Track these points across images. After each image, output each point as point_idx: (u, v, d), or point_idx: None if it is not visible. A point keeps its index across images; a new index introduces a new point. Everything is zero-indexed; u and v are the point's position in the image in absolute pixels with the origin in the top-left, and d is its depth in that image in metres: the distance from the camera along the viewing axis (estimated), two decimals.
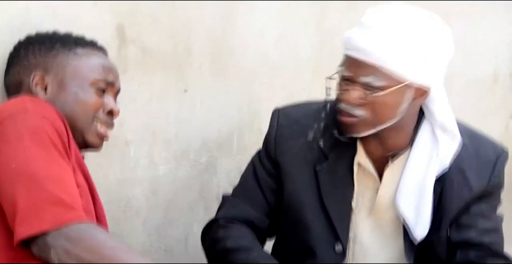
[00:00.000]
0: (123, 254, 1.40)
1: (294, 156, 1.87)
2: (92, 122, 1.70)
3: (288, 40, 2.55)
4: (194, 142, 2.36)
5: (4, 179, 1.44)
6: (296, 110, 1.95)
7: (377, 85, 1.70)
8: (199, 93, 2.34)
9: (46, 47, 1.73)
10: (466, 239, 1.82)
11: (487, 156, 1.87)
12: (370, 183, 1.86)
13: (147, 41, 2.18)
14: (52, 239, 1.37)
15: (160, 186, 2.29)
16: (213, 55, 2.36)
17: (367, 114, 1.73)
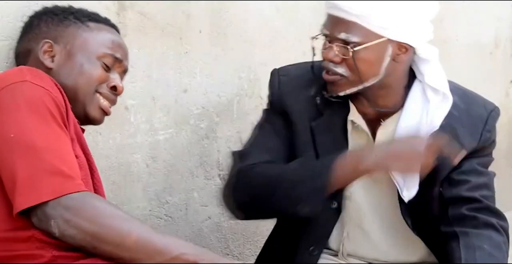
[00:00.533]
0: (122, 222, 1.40)
1: (298, 109, 1.87)
2: (93, 95, 1.70)
3: (289, 5, 2.53)
4: (194, 107, 2.35)
5: (3, 149, 1.44)
6: (295, 68, 1.95)
7: (354, 40, 1.71)
8: (199, 58, 2.32)
9: (59, 18, 1.73)
10: (458, 195, 1.83)
11: (478, 113, 1.87)
12: (364, 141, 1.86)
13: (146, 5, 2.16)
14: (51, 209, 1.37)
15: (160, 151, 2.29)
16: (212, 20, 2.34)
17: (348, 71, 1.74)
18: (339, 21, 1.71)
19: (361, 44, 1.71)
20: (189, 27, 2.28)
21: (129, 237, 1.38)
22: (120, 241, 1.37)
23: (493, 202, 1.87)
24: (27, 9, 1.84)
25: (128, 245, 1.38)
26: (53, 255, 1.46)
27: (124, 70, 1.79)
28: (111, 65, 1.72)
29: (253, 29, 2.45)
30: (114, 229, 1.37)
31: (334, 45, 1.73)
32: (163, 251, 1.38)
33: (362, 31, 1.70)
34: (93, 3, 2.00)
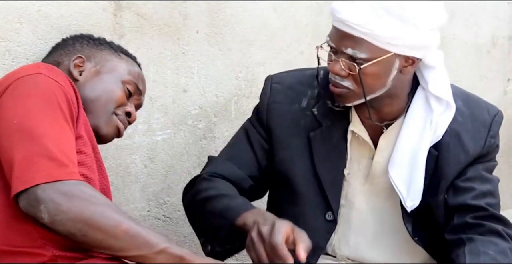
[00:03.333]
0: (114, 212, 1.40)
1: (287, 122, 1.86)
2: (111, 115, 1.76)
3: (286, 5, 2.52)
4: (192, 108, 2.35)
5: (4, 133, 1.45)
6: (289, 76, 1.93)
7: (361, 57, 1.69)
8: (196, 58, 2.32)
9: (95, 42, 1.84)
10: (463, 203, 1.82)
11: (482, 118, 1.86)
12: (366, 151, 1.85)
13: (143, 6, 2.15)
14: (43, 192, 1.36)
15: (158, 152, 2.29)
16: (210, 20, 2.34)
17: (354, 85, 1.73)
18: (347, 36, 1.68)
19: (369, 61, 1.68)
20: (186, 28, 2.28)
21: (120, 226, 1.38)
22: (111, 229, 1.38)
23: (498, 209, 1.86)
24: (24, 11, 1.85)
25: (118, 234, 1.38)
26: (53, 254, 1.47)
27: (140, 104, 1.89)
28: (132, 94, 1.82)
29: (250, 29, 2.44)
30: (106, 217, 1.38)
31: (341, 59, 1.71)
32: (151, 243, 1.40)
33: (369, 47, 1.67)
34: (90, 4, 2.01)
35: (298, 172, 1.85)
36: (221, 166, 1.88)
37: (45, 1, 1.89)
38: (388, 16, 1.66)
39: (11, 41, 1.84)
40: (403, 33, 1.67)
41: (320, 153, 1.83)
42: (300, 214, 1.85)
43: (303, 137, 1.84)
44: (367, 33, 1.66)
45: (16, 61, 1.85)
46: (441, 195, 1.84)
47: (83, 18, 1.98)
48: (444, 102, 1.80)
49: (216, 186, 1.82)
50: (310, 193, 1.85)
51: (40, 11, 1.89)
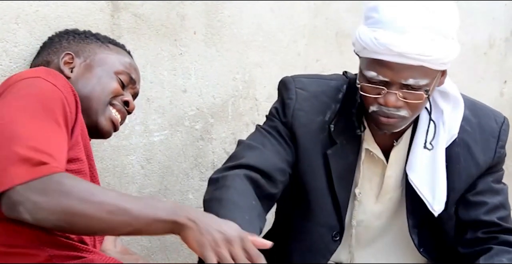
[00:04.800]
0: (93, 195, 1.37)
1: (310, 134, 1.81)
2: (107, 106, 1.75)
3: (283, 6, 2.52)
4: (189, 109, 2.35)
5: None
6: (314, 84, 1.86)
7: (423, 84, 1.66)
8: (194, 60, 2.32)
9: (80, 37, 1.82)
10: (476, 218, 1.81)
11: (490, 128, 1.85)
12: (378, 168, 1.84)
13: (140, 7, 2.15)
14: (17, 194, 1.34)
15: (155, 153, 2.28)
16: (207, 21, 2.33)
17: (410, 112, 1.70)
18: (405, 67, 1.63)
19: (429, 85, 1.66)
20: (183, 29, 2.27)
21: (102, 209, 1.36)
22: (93, 214, 1.35)
23: (510, 222, 1.85)
24: (21, 11, 1.84)
25: (103, 216, 1.36)
26: (48, 254, 1.46)
27: (136, 93, 1.86)
28: (126, 84, 1.80)
29: (247, 30, 2.44)
30: (86, 202, 1.35)
31: (397, 91, 1.66)
32: (138, 217, 1.37)
33: (427, 72, 1.65)
34: (87, 5, 2.00)
35: (314, 188, 1.81)
36: (262, 156, 1.76)
37: (42, 1, 1.89)
38: (438, 36, 1.64)
39: (8, 41, 1.83)
40: (450, 49, 1.66)
41: (337, 172, 1.80)
42: (309, 231, 1.83)
43: (321, 152, 1.80)
44: (426, 59, 1.63)
45: (13, 61, 1.85)
46: (452, 207, 1.83)
47: (80, 19, 1.98)
48: (451, 98, 1.78)
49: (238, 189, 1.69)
50: (323, 212, 1.82)
51: (37, 12, 1.88)
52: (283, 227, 1.88)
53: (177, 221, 1.38)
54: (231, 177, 1.69)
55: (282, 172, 1.77)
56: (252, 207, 1.65)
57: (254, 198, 1.68)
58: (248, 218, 1.59)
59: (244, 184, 1.69)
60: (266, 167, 1.74)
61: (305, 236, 1.83)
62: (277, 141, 1.80)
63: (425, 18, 1.63)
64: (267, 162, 1.75)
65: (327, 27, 2.63)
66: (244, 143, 1.82)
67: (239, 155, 1.77)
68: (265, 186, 1.74)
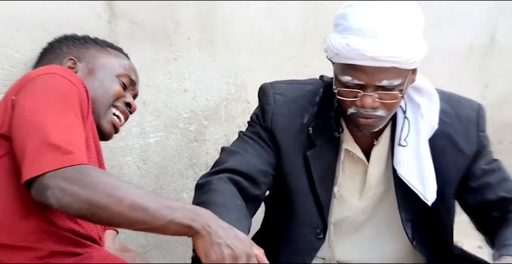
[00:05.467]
0: (117, 189, 1.37)
1: (290, 137, 1.80)
2: (109, 108, 1.75)
3: (275, 12, 2.52)
4: (183, 111, 2.34)
5: (17, 126, 1.45)
6: (291, 89, 1.85)
7: (397, 84, 1.65)
8: (188, 64, 2.32)
9: (80, 42, 1.82)
10: (484, 201, 1.79)
11: (468, 116, 1.83)
12: (359, 166, 1.83)
13: (136, 13, 2.14)
14: (48, 180, 1.35)
15: (151, 154, 2.28)
16: (200, 27, 2.33)
17: (386, 111, 1.69)
18: (378, 70, 1.63)
19: (403, 85, 1.66)
20: (178, 34, 2.27)
21: (122, 203, 1.35)
22: (114, 207, 1.35)
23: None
24: (22, 18, 1.84)
25: (122, 210, 1.35)
26: (51, 250, 1.46)
27: (136, 94, 1.87)
28: (127, 85, 1.81)
29: (239, 36, 2.44)
30: (109, 196, 1.35)
31: (373, 93, 1.65)
32: (155, 216, 1.36)
33: (400, 72, 1.64)
34: (85, 11, 1.99)
35: (296, 189, 1.80)
36: (244, 160, 1.75)
37: (42, 9, 1.88)
38: (407, 38, 1.63)
39: (9, 47, 1.82)
40: (419, 48, 1.66)
41: (318, 173, 1.79)
42: (294, 232, 1.82)
43: (301, 154, 1.79)
44: (398, 61, 1.63)
45: (14, 66, 1.84)
46: (450, 199, 1.82)
47: (78, 25, 1.97)
48: (424, 92, 1.78)
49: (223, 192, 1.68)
50: (306, 212, 1.81)
51: (37, 18, 1.88)
52: (270, 229, 1.86)
53: (192, 226, 1.37)
54: (215, 181, 1.69)
55: (265, 174, 1.77)
56: (238, 207, 1.64)
57: (239, 199, 1.67)
58: (235, 217, 1.57)
59: (228, 187, 1.68)
60: (248, 170, 1.73)
61: (291, 237, 1.82)
62: (259, 145, 1.80)
63: (393, 21, 1.63)
64: (248, 166, 1.74)
65: (316, 33, 2.62)
66: (226, 149, 1.82)
67: (221, 161, 1.77)
68: (248, 188, 1.73)
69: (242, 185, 1.71)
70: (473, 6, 3.35)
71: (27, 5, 1.85)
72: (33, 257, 1.45)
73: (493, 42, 3.51)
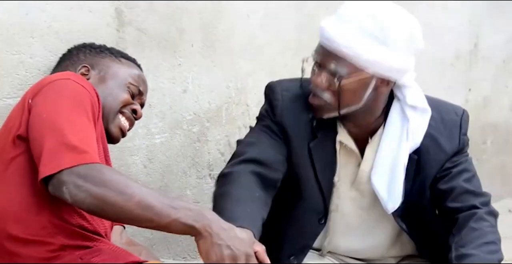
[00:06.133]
0: (127, 187, 1.39)
1: (297, 129, 1.82)
2: (117, 115, 1.76)
3: (272, 22, 2.53)
4: (187, 114, 2.35)
5: (34, 127, 1.47)
6: (295, 86, 1.86)
7: (342, 72, 1.67)
8: (191, 69, 2.32)
9: (96, 51, 1.83)
10: (450, 188, 1.81)
11: (452, 120, 1.86)
12: (353, 159, 1.84)
13: (143, 22, 2.15)
14: (65, 176, 1.37)
15: (157, 154, 2.28)
16: (203, 35, 2.34)
17: (332, 97, 1.71)
18: (331, 53, 1.67)
19: (348, 78, 1.68)
20: (182, 42, 2.28)
21: (131, 200, 1.37)
22: (123, 204, 1.37)
23: (473, 181, 1.84)
24: (36, 27, 1.85)
25: (131, 207, 1.37)
26: (62, 244, 1.47)
27: (143, 103, 1.87)
28: (135, 94, 1.81)
29: (239, 44, 2.45)
30: (119, 193, 1.37)
31: (323, 73, 1.70)
32: (162, 214, 1.37)
33: (349, 65, 1.67)
34: (95, 20, 2.00)
35: (303, 177, 1.82)
36: (262, 150, 1.77)
37: (55, 18, 1.89)
38: (370, 39, 1.65)
39: (24, 53, 1.83)
40: (382, 56, 1.66)
41: (319, 162, 1.81)
42: (298, 217, 1.84)
43: (306, 146, 1.81)
44: (349, 53, 1.65)
45: (29, 71, 1.85)
46: (427, 193, 1.84)
47: (89, 33, 1.98)
48: (419, 109, 1.79)
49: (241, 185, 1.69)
50: (311, 198, 1.83)
51: (50, 27, 1.89)
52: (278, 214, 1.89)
53: (195, 227, 1.38)
54: (236, 173, 1.71)
55: (281, 163, 1.79)
56: (255, 199, 1.66)
57: (257, 190, 1.70)
58: (250, 210, 1.61)
59: (248, 178, 1.71)
60: (267, 158, 1.76)
61: (296, 222, 1.85)
62: (270, 137, 1.82)
63: (364, 16, 1.65)
64: (266, 154, 1.77)
65: (311, 41, 2.61)
66: (243, 141, 1.85)
67: (241, 152, 1.79)
68: (268, 175, 1.75)
69: (262, 174, 1.74)
70: (457, 17, 3.36)
71: (41, 14, 1.86)
72: (45, 250, 1.46)
73: (476, 49, 3.53)
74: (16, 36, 1.82)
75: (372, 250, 1.92)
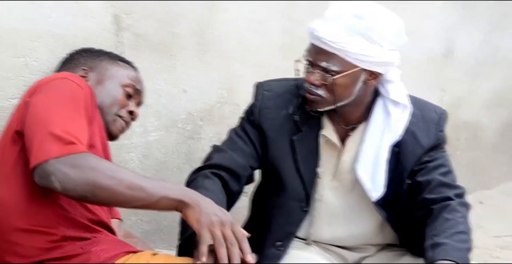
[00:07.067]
0: (115, 171, 1.39)
1: (276, 126, 1.84)
2: (115, 116, 1.76)
3: (261, 27, 2.53)
4: (181, 113, 2.34)
5: (27, 122, 1.46)
6: (277, 85, 1.90)
7: (334, 69, 1.70)
8: (186, 71, 2.32)
9: (95, 55, 1.83)
10: (427, 181, 1.82)
11: (431, 118, 1.88)
12: (335, 151, 1.86)
13: (140, 28, 2.15)
14: (51, 166, 1.35)
15: (152, 151, 2.28)
16: (197, 40, 2.33)
17: (327, 93, 1.74)
18: (322, 51, 1.69)
19: (340, 73, 1.69)
20: (177, 45, 2.27)
21: (122, 183, 1.37)
22: (115, 187, 1.36)
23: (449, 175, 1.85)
24: (41, 31, 1.84)
25: (121, 190, 1.36)
26: (64, 234, 1.46)
27: (140, 102, 1.87)
28: (132, 95, 1.81)
29: (231, 47, 2.45)
30: (110, 178, 1.36)
31: (316, 71, 1.71)
32: (151, 193, 1.38)
33: (340, 61, 1.69)
34: (95, 25, 2.00)
35: (284, 169, 1.84)
36: (226, 156, 1.82)
37: (58, 23, 1.89)
38: (358, 36, 1.67)
39: (29, 57, 1.83)
40: (370, 51, 1.68)
41: (301, 154, 1.83)
42: (282, 205, 1.85)
43: (288, 139, 1.83)
44: (339, 49, 1.67)
45: (33, 74, 1.84)
46: (405, 184, 1.85)
47: (89, 37, 1.98)
48: (401, 105, 1.81)
49: (207, 188, 1.73)
50: (293, 188, 1.84)
51: (54, 32, 1.88)
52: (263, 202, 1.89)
53: (183, 200, 1.40)
54: (200, 178, 1.76)
55: (244, 168, 1.82)
56: (220, 201, 1.69)
57: (220, 192, 1.74)
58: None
59: (212, 182, 1.75)
60: (230, 165, 1.79)
61: (281, 209, 1.86)
62: (243, 142, 1.84)
63: (350, 13, 1.67)
64: (230, 161, 1.80)
65: (297, 45, 2.62)
66: (214, 147, 1.89)
67: (209, 157, 1.85)
68: (229, 181, 1.79)
69: (224, 178, 1.78)
70: (432, 22, 3.38)
71: (45, 21, 1.85)
72: (47, 241, 1.45)
73: (449, 52, 3.55)
74: (21, 40, 1.81)
75: (355, 239, 1.92)
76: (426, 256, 1.68)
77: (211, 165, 1.80)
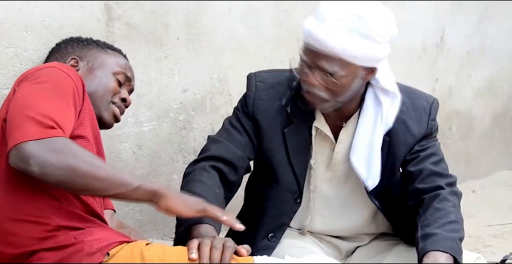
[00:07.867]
0: (94, 159, 1.40)
1: (269, 117, 1.82)
2: (109, 104, 1.75)
3: (252, 17, 2.52)
4: (173, 103, 2.34)
5: (10, 107, 1.45)
6: (270, 77, 1.88)
7: (334, 69, 1.67)
8: (177, 62, 2.31)
9: (83, 43, 1.80)
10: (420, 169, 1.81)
11: (422, 106, 1.86)
12: (328, 143, 1.85)
13: (131, 18, 2.13)
14: (30, 147, 1.33)
15: (145, 141, 2.27)
16: (188, 30, 2.32)
17: (327, 93, 1.71)
18: (320, 53, 1.66)
19: (340, 73, 1.68)
20: (168, 35, 2.26)
21: (100, 170, 1.38)
22: (94, 173, 1.37)
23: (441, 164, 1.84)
24: (29, 21, 1.83)
25: (100, 176, 1.37)
26: (57, 224, 1.44)
27: (131, 89, 1.85)
28: (123, 82, 1.79)
29: (222, 38, 2.44)
30: (89, 164, 1.37)
31: (315, 72, 1.69)
32: (127, 182, 1.40)
33: (341, 62, 1.66)
34: (86, 15, 1.98)
35: (276, 161, 1.82)
36: (224, 147, 1.80)
37: (47, 13, 1.87)
38: (356, 35, 1.64)
39: (19, 47, 1.81)
40: (368, 48, 1.66)
41: (293, 146, 1.81)
42: (275, 196, 1.84)
43: (280, 131, 1.82)
44: (340, 50, 1.64)
45: (23, 64, 1.83)
46: (397, 174, 1.84)
47: (80, 27, 1.96)
48: (391, 94, 1.79)
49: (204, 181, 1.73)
50: (285, 180, 1.83)
51: (43, 21, 1.86)
52: (256, 194, 1.88)
53: (156, 190, 1.43)
54: (198, 171, 1.74)
55: (242, 159, 1.80)
56: (215, 195, 1.69)
57: (217, 187, 1.73)
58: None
59: (209, 175, 1.74)
60: (228, 156, 1.78)
61: (273, 201, 1.85)
62: (238, 133, 1.83)
63: (346, 14, 1.65)
64: (228, 152, 1.78)
65: (288, 35, 2.63)
66: (210, 138, 1.86)
67: (206, 148, 1.82)
68: (227, 173, 1.77)
69: (222, 170, 1.77)
70: (424, 13, 3.37)
71: (34, 10, 1.83)
72: (41, 230, 1.44)
73: (442, 42, 3.54)
74: (10, 30, 1.79)
75: (348, 228, 1.92)
76: (417, 247, 1.67)
77: (209, 157, 1.78)
